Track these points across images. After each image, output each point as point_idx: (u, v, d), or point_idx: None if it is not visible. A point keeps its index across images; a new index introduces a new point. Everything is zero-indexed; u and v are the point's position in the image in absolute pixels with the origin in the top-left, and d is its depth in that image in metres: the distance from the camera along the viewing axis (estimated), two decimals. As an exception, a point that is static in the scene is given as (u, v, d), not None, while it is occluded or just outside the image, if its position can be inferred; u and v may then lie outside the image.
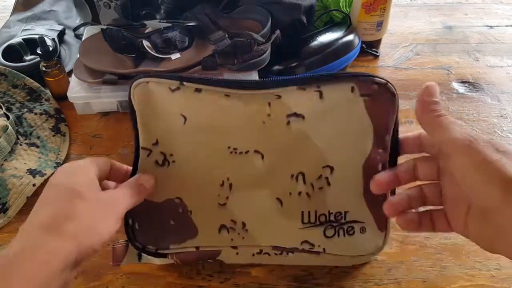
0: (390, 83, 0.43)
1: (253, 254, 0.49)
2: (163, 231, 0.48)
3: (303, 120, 0.44)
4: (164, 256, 0.49)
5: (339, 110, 0.44)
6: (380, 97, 0.43)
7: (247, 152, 0.45)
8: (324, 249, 0.48)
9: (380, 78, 0.43)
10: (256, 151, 0.45)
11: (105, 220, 0.38)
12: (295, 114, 0.44)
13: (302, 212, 0.47)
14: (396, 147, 0.46)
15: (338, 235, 0.48)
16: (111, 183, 0.46)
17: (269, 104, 0.44)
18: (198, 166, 0.46)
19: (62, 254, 0.34)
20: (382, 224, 0.48)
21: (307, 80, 0.43)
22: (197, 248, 0.48)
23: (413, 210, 0.44)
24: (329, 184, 0.46)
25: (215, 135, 0.45)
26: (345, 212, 0.48)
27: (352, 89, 0.43)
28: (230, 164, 0.46)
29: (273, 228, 0.47)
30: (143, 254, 0.49)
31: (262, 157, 0.45)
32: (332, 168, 0.46)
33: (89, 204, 0.37)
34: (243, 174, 0.46)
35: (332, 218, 0.48)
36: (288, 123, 0.44)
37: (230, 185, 0.46)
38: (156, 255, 0.49)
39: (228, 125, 0.45)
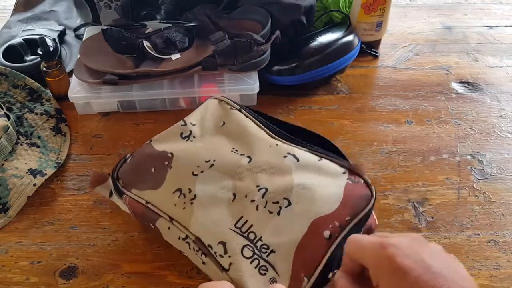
0: (373, 188, 0.50)
1: (179, 238, 0.49)
2: (140, 174, 0.54)
3: (296, 161, 0.52)
4: (121, 196, 0.53)
5: (326, 174, 0.51)
6: (359, 188, 0.50)
7: (242, 154, 0.53)
8: (230, 265, 0.46)
9: (368, 179, 0.51)
10: (248, 156, 0.53)
11: None
12: (294, 155, 0.52)
13: (241, 217, 0.49)
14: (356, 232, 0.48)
15: (251, 263, 0.46)
16: None
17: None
18: (201, 146, 0.55)
19: None
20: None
21: (318, 151, 0.54)
22: (147, 203, 0.51)
23: None
24: (279, 214, 0.48)
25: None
26: (271, 251, 0.47)
27: (344, 172, 0.52)
28: (222, 154, 0.53)
29: (211, 215, 0.49)
30: (113, 192, 0.54)
31: (250, 160, 0.52)
32: (289, 204, 0.48)
33: None
34: (226, 164, 0.52)
35: (258, 244, 0.47)
36: (285, 156, 0.52)
37: (212, 165, 0.52)
38: (118, 191, 0.53)
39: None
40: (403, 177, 0.63)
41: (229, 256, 0.46)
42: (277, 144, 0.54)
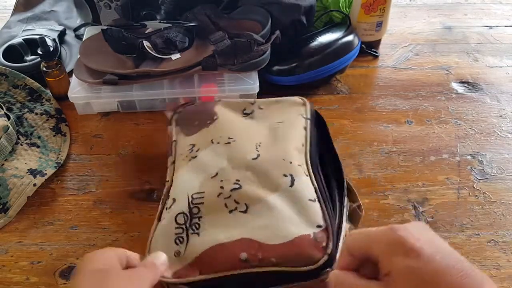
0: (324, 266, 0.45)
1: (167, 179, 0.54)
2: (189, 118, 0.61)
3: (289, 185, 0.50)
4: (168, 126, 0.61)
5: (301, 213, 0.48)
6: (312, 249, 0.45)
7: (257, 151, 0.54)
8: (164, 219, 0.50)
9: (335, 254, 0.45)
10: (258, 155, 0.53)
11: None
12: (293, 180, 0.51)
13: (203, 192, 0.50)
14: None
15: (175, 228, 0.48)
16: None
17: None
18: (242, 125, 0.59)
19: None
20: None
21: (323, 193, 0.51)
22: (174, 141, 0.58)
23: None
24: (230, 212, 0.49)
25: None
26: (197, 233, 0.48)
27: (317, 225, 0.47)
28: (245, 141, 0.55)
29: (189, 176, 0.53)
30: (168, 122, 0.61)
31: (256, 158, 0.53)
32: (245, 211, 0.49)
33: (120, 279, 0.39)
34: (237, 150, 0.54)
35: (194, 220, 0.49)
36: (286, 175, 0.51)
37: (228, 143, 0.55)
38: (169, 122, 0.61)
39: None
40: (403, 177, 0.63)
41: (168, 213, 0.50)
42: (290, 162, 0.52)
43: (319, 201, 0.49)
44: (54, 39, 0.79)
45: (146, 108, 0.72)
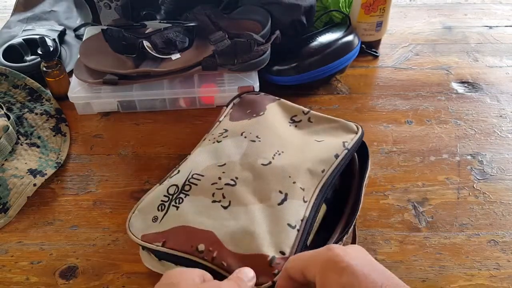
0: None
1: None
2: (242, 108, 0.62)
3: (277, 203, 0.50)
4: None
5: (272, 232, 0.48)
6: (262, 268, 0.45)
7: (273, 157, 0.54)
8: (156, 187, 0.53)
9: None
10: (269, 162, 0.53)
11: None
12: (285, 199, 0.50)
13: (201, 176, 0.52)
14: None
15: (164, 196, 0.51)
16: None
17: None
18: (278, 131, 0.58)
19: None
20: None
21: (306, 227, 0.49)
22: (218, 121, 0.61)
23: None
24: (212, 202, 0.50)
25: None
26: (176, 206, 0.50)
27: (280, 251, 0.47)
28: (267, 143, 0.56)
29: (203, 157, 0.55)
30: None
31: (265, 164, 0.53)
32: (226, 207, 0.49)
33: None
34: (255, 149, 0.54)
35: (181, 196, 0.51)
36: (281, 192, 0.51)
37: (253, 141, 0.55)
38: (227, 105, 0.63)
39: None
40: (403, 177, 0.63)
41: (168, 181, 0.53)
42: (294, 182, 0.51)
43: (298, 230, 0.47)
44: (54, 39, 0.79)
45: (146, 108, 0.72)
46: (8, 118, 0.65)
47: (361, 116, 0.71)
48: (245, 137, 0.56)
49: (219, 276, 0.45)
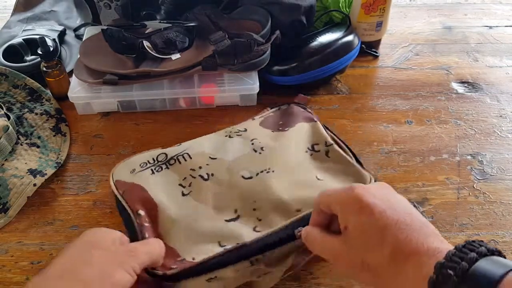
0: None
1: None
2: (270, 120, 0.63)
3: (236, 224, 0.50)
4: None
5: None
6: None
7: (266, 170, 0.54)
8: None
9: None
10: (257, 174, 0.53)
11: (119, 269, 0.38)
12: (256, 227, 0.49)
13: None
14: None
15: (152, 169, 0.55)
16: None
17: None
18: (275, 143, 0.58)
19: None
20: None
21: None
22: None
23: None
24: (183, 195, 0.52)
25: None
26: (165, 167, 0.55)
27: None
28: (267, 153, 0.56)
29: (206, 145, 0.57)
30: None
31: (250, 177, 0.53)
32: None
33: (106, 253, 0.39)
34: (249, 159, 0.55)
35: (163, 165, 0.55)
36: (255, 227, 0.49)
37: (257, 150, 0.56)
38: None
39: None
40: (403, 177, 0.63)
41: (166, 149, 0.57)
42: (254, 209, 0.50)
43: (226, 249, 0.45)
44: (54, 39, 0.79)
45: (146, 108, 0.72)
46: (8, 118, 0.65)
47: (361, 116, 0.71)
48: (252, 144, 0.56)
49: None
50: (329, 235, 0.41)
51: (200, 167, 0.53)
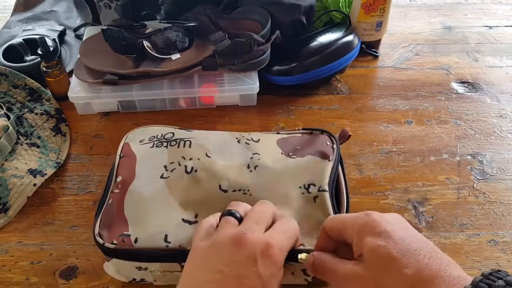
0: None
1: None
2: None
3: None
4: None
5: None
6: None
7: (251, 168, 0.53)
8: None
9: None
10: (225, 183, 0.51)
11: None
12: None
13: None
14: None
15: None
16: None
17: None
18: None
19: None
20: None
21: None
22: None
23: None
24: (162, 176, 0.52)
25: None
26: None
27: None
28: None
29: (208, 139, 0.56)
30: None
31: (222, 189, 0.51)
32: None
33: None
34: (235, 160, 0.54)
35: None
36: None
37: (253, 156, 0.54)
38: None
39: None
40: (403, 177, 0.63)
41: (176, 129, 0.58)
42: (196, 215, 0.50)
43: (175, 249, 0.47)
44: (54, 39, 0.79)
45: (146, 108, 0.72)
46: (8, 118, 0.65)
47: (361, 116, 0.71)
48: (250, 159, 0.53)
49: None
50: (341, 260, 0.40)
51: (190, 159, 0.52)
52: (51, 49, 0.70)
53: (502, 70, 0.80)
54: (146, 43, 0.68)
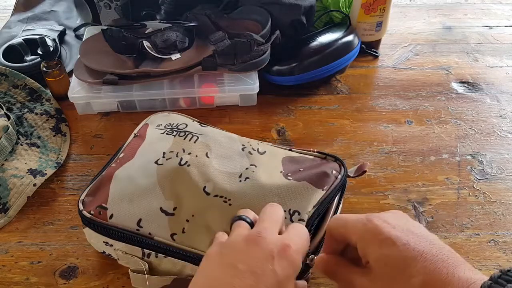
0: None
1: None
2: None
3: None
4: None
5: None
6: None
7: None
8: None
9: None
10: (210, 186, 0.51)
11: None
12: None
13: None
14: None
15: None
16: None
17: None
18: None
19: None
20: None
21: None
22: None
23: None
24: (156, 162, 0.53)
25: None
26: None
27: None
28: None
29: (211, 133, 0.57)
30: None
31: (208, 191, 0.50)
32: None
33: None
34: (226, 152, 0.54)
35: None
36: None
37: (250, 166, 0.52)
38: None
39: None
40: (403, 177, 0.63)
41: (191, 121, 0.60)
42: (188, 221, 0.49)
43: (143, 234, 0.48)
44: (54, 39, 0.79)
45: (146, 108, 0.72)
46: (8, 118, 0.65)
47: (361, 116, 0.71)
48: (246, 169, 0.51)
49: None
50: (350, 265, 0.40)
51: (189, 153, 0.52)
52: (51, 49, 0.70)
53: (502, 70, 0.80)
54: (146, 43, 0.68)
